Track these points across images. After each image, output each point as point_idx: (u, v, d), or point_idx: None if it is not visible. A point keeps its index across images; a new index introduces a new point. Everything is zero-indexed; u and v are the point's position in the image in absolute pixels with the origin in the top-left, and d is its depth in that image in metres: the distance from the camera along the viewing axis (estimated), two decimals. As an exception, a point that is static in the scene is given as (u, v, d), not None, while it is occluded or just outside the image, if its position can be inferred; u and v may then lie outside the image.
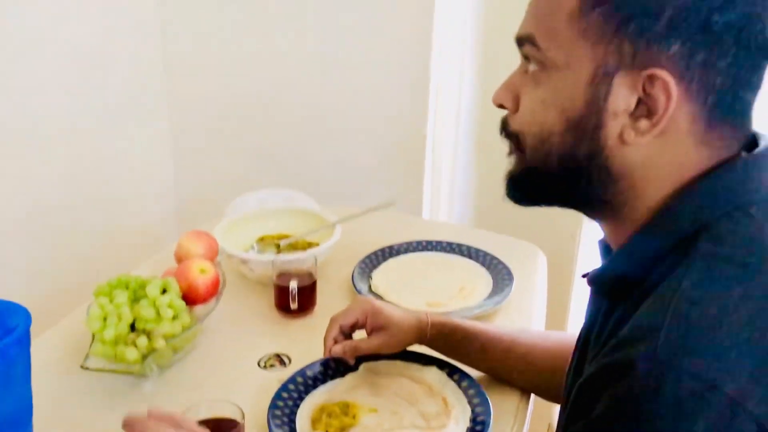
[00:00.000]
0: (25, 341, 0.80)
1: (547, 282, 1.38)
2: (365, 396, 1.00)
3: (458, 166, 1.94)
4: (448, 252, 1.40)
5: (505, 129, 0.70)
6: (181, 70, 2.08)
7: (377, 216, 1.38)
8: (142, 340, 0.98)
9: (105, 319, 1.00)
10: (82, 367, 0.97)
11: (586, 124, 0.62)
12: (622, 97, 0.61)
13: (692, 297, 0.55)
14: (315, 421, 0.96)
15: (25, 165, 1.64)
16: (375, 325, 1.02)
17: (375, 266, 1.35)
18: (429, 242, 1.42)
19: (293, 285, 1.17)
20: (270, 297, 1.24)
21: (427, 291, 1.27)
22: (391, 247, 1.40)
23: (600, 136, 0.62)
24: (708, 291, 0.55)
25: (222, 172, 2.15)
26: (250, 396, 1.01)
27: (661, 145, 0.62)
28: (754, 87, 0.62)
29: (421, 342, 1.03)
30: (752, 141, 0.65)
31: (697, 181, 0.62)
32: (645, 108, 0.60)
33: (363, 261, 1.35)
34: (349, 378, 1.04)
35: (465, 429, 0.94)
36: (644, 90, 0.60)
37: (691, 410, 0.50)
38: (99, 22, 1.80)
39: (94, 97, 1.82)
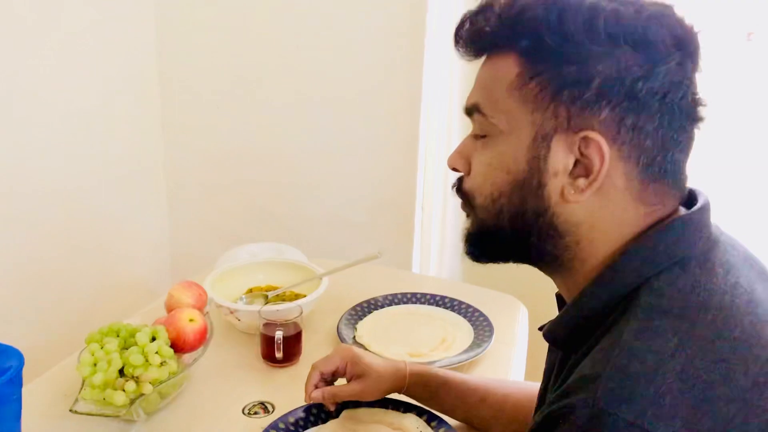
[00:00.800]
0: (17, 381, 0.84)
1: (530, 333, 1.42)
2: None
3: (448, 221, 2.00)
4: (432, 305, 1.44)
5: (458, 187, 0.76)
6: (177, 128, 2.16)
7: (366, 269, 1.43)
8: (130, 385, 1.02)
9: (95, 364, 1.04)
10: (71, 410, 1.00)
11: (530, 184, 0.68)
12: (560, 158, 0.67)
13: (631, 348, 0.59)
14: (295, 466, 0.99)
15: (25, 215, 1.70)
16: (354, 372, 1.05)
17: (361, 317, 1.39)
18: (414, 294, 1.46)
19: (278, 335, 1.21)
20: (257, 347, 1.27)
21: (409, 342, 1.31)
22: (376, 299, 1.44)
23: (544, 194, 0.68)
24: (645, 342, 0.59)
25: (216, 227, 2.21)
26: (234, 442, 1.04)
27: (600, 202, 0.67)
28: (684, 147, 0.67)
29: (399, 390, 1.06)
30: (691, 197, 0.71)
31: (639, 239, 0.67)
32: (582, 167, 0.66)
33: (349, 312, 1.39)
34: (330, 425, 1.07)
35: (439, 474, 0.97)
36: (580, 151, 0.66)
37: None
38: (99, 81, 1.88)
39: (93, 153, 1.89)
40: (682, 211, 0.69)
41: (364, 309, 1.42)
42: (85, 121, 1.85)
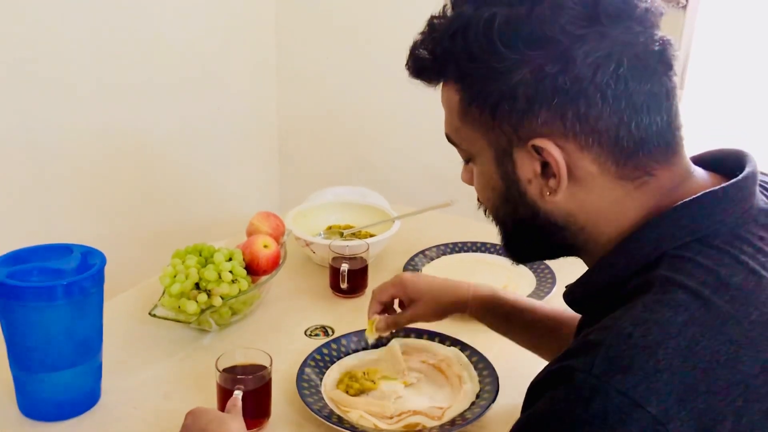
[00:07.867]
0: (98, 277, 0.97)
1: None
2: (389, 367, 1.12)
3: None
4: (498, 254, 1.48)
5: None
6: (291, 77, 2.28)
7: (441, 217, 1.49)
8: (202, 297, 1.14)
9: (175, 276, 1.17)
10: (150, 314, 1.14)
11: (513, 195, 0.70)
12: (526, 167, 0.68)
13: (638, 318, 0.58)
14: (339, 382, 1.08)
15: (146, 150, 1.88)
16: (408, 297, 1.08)
17: (429, 260, 1.46)
18: (483, 244, 1.51)
19: (344, 267, 1.30)
20: (328, 278, 1.37)
21: (471, 286, 1.36)
22: (446, 245, 1.50)
23: (528, 201, 0.69)
24: (654, 314, 0.58)
25: (321, 172, 2.33)
26: (291, 357, 1.14)
27: (582, 190, 0.67)
28: (653, 106, 0.64)
29: (461, 312, 1.06)
30: (739, 165, 0.68)
31: (663, 211, 0.65)
32: (550, 168, 0.66)
33: (417, 255, 1.46)
34: (380, 351, 1.16)
35: (469, 404, 1.04)
36: (541, 155, 0.66)
37: (615, 424, 0.54)
38: (217, 28, 2.02)
39: (210, 101, 2.05)
40: (713, 183, 0.67)
41: (433, 252, 1.48)
42: (204, 72, 2.00)
